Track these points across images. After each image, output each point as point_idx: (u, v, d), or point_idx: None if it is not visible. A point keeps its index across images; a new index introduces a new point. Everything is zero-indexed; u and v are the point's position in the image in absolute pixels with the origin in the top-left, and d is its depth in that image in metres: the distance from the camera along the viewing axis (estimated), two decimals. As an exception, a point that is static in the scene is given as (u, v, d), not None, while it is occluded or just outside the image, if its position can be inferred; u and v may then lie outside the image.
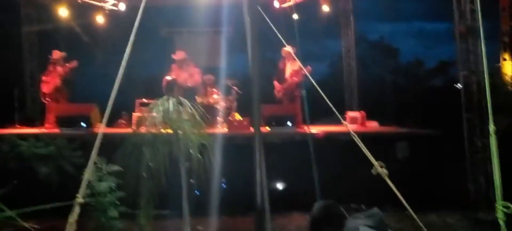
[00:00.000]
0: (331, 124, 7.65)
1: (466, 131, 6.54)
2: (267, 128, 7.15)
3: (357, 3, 11.17)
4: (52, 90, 8.12)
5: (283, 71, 8.30)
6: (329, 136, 7.06)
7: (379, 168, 3.70)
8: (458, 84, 6.69)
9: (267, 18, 4.84)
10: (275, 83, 8.33)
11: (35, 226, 2.57)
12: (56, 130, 6.99)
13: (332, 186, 6.19)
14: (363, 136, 5.85)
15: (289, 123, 7.23)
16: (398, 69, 13.21)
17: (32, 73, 10.20)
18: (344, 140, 6.27)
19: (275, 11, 10.72)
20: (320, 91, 4.55)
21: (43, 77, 8.31)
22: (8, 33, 10.57)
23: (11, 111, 8.40)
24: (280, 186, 6.80)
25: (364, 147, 3.85)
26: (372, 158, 3.76)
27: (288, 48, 7.01)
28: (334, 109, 4.23)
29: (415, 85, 7.91)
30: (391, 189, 3.49)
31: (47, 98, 8.17)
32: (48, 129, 7.63)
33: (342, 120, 4.52)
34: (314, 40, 13.45)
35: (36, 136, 5.18)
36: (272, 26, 5.07)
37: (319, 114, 6.60)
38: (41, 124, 8.26)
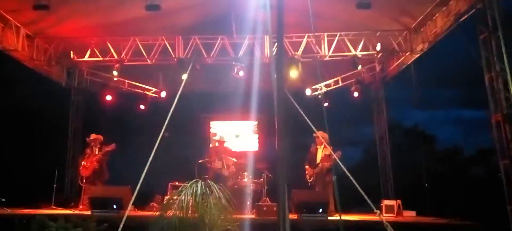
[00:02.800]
0: (367, 212, 7.35)
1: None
2: (297, 215, 6.95)
3: (390, 91, 11.27)
4: (89, 174, 8.33)
5: (314, 155, 8.25)
6: (363, 225, 6.74)
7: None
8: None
9: (296, 104, 4.96)
10: (307, 167, 8.25)
11: None
12: (88, 212, 7.08)
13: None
14: (399, 226, 5.58)
15: (320, 210, 6.99)
16: (435, 157, 12.79)
17: (74, 156, 10.69)
18: (380, 229, 5.95)
19: (307, 99, 10.98)
20: (351, 177, 4.46)
21: (81, 160, 8.60)
22: (57, 117, 11.33)
23: (50, 192, 8.66)
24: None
25: (398, 238, 3.65)
26: (406, 250, 3.54)
27: (319, 133, 7.04)
28: (365, 196, 4.10)
29: (454, 173, 7.58)
30: None
31: (84, 181, 8.39)
32: (81, 210, 7.76)
33: (373, 208, 4.36)
34: (348, 126, 13.46)
35: (66, 217, 5.27)
36: (301, 111, 5.17)
37: (354, 201, 6.38)
38: (76, 205, 8.43)
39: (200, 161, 8.77)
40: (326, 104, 10.03)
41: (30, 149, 11.17)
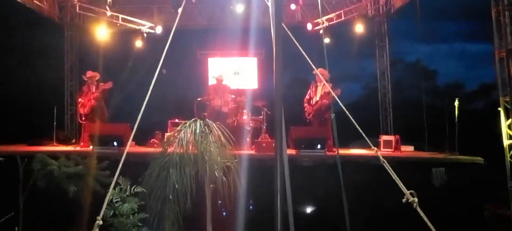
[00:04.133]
0: (365, 147, 7.44)
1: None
2: (295, 151, 7.04)
3: (394, 25, 10.95)
4: (88, 111, 8.31)
5: (314, 93, 8.20)
6: (360, 160, 6.86)
7: (409, 195, 3.52)
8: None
9: (294, 40, 4.80)
10: (306, 105, 8.23)
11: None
12: (89, 149, 7.15)
13: (363, 212, 5.99)
14: (397, 161, 5.66)
15: (319, 146, 7.07)
16: (435, 92, 12.74)
17: (72, 93, 10.64)
18: (377, 164, 6.05)
19: (308, 34, 10.71)
20: (349, 114, 4.43)
21: (79, 98, 8.57)
22: (51, 54, 11.10)
23: (51, 129, 8.71)
24: (309, 209, 6.64)
25: (394, 174, 3.67)
26: (402, 185, 3.58)
27: (318, 70, 6.93)
28: (362, 133, 4.08)
29: (454, 108, 7.59)
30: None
31: (83, 118, 8.41)
32: (82, 147, 7.85)
33: (371, 145, 4.37)
34: (350, 61, 13.27)
35: (67, 155, 5.32)
36: (300, 48, 5.02)
37: (353, 137, 6.42)
38: (77, 143, 8.51)
39: (199, 99, 8.73)
40: (327, 40, 9.80)
41: (27, 86, 11.04)
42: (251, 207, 6.40)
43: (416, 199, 3.41)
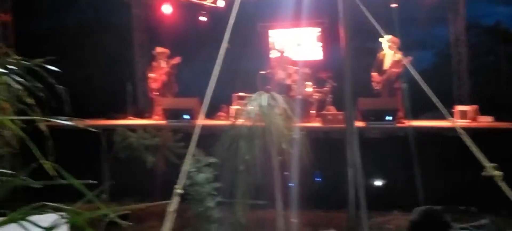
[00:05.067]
0: (438, 118, 7.05)
1: None
2: (364, 123, 6.87)
3: (469, -15, 10.07)
4: (159, 86, 8.73)
5: (382, 62, 7.86)
6: (434, 131, 6.53)
7: (491, 169, 3.30)
8: None
9: (363, 7, 4.62)
10: (373, 74, 7.92)
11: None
12: (163, 122, 7.54)
13: (438, 186, 5.76)
14: (475, 132, 5.32)
15: (388, 117, 6.83)
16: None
17: (143, 69, 11.17)
18: (452, 136, 5.72)
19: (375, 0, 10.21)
20: (422, 83, 4.23)
21: (150, 73, 8.99)
22: (121, 32, 11.69)
23: (124, 104, 9.30)
24: (379, 183, 6.50)
25: (473, 145, 3.46)
26: (483, 157, 3.37)
27: (386, 38, 6.63)
28: (437, 102, 3.88)
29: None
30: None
31: (154, 93, 8.84)
32: (156, 120, 8.30)
33: (446, 115, 4.14)
34: (420, 28, 12.50)
35: (144, 128, 5.66)
36: (369, 15, 4.83)
37: (425, 107, 6.14)
38: (150, 116, 9.01)
39: (262, 72, 8.78)
40: (395, 5, 9.28)
41: (99, 64, 11.75)
42: (318, 178, 6.42)
43: (500, 173, 3.20)
